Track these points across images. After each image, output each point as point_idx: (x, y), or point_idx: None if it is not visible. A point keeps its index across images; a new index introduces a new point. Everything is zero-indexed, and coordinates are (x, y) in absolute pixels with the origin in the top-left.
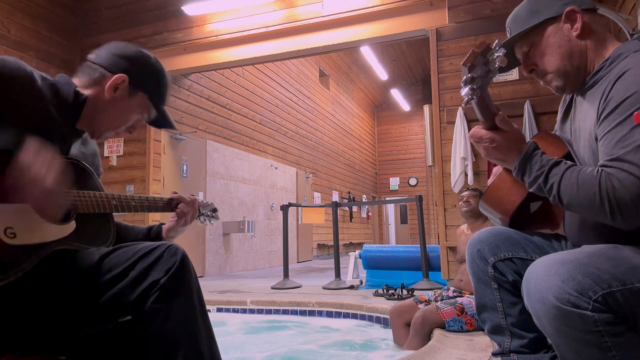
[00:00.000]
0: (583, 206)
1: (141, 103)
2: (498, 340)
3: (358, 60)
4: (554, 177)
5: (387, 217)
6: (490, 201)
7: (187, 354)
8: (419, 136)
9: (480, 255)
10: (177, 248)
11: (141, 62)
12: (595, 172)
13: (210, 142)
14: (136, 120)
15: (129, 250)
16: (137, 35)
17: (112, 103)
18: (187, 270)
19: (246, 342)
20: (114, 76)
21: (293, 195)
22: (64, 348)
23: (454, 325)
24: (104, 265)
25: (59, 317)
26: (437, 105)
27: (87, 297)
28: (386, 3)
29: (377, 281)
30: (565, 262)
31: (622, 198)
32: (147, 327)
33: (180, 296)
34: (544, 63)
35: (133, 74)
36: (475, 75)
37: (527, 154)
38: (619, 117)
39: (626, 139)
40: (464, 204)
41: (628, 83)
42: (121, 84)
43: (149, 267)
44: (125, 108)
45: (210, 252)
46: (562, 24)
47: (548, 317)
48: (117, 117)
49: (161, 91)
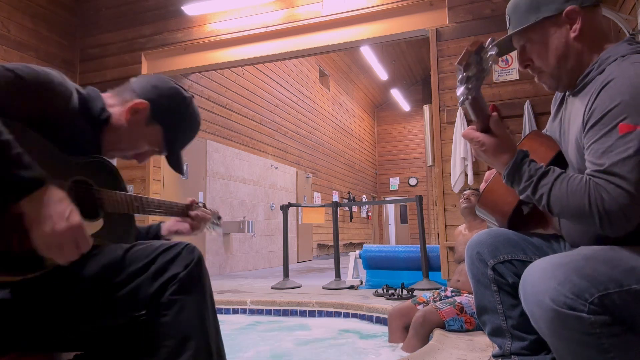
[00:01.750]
0: (573, 216)
1: (155, 135)
2: (499, 343)
3: (358, 60)
4: (543, 187)
5: (387, 217)
6: (487, 204)
7: (198, 346)
8: (419, 136)
9: (479, 258)
10: (195, 247)
11: (170, 96)
12: (584, 182)
13: (210, 142)
14: (146, 151)
15: (149, 246)
16: (137, 35)
17: (127, 125)
18: (203, 269)
19: (246, 342)
20: (137, 100)
21: (293, 195)
22: (78, 342)
23: (454, 324)
24: (127, 259)
25: (80, 309)
26: (437, 105)
27: (108, 289)
28: (386, 3)
29: (377, 281)
30: (562, 265)
31: (611, 209)
32: (161, 318)
33: (195, 291)
34: (540, 61)
35: (156, 104)
36: (470, 74)
37: (516, 163)
38: (604, 128)
39: (612, 150)
40: (464, 200)
41: (613, 93)
42: (141, 110)
43: (169, 261)
44: (139, 135)
45: (210, 252)
46: (562, 23)
47: (545, 320)
48: (128, 141)
49: (179, 130)
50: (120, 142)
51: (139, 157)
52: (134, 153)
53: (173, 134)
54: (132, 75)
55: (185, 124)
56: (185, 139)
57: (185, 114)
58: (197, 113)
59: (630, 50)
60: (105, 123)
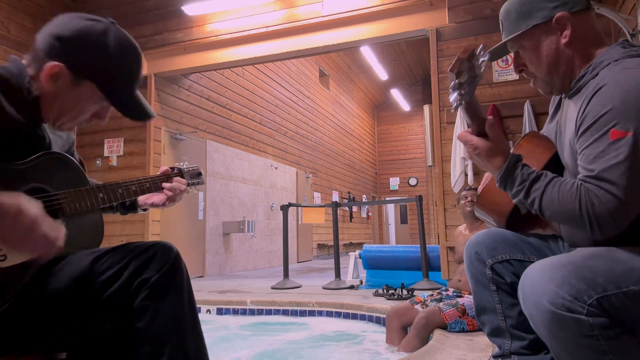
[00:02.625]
0: (564, 219)
1: (91, 92)
2: (498, 343)
3: (358, 60)
4: (535, 192)
5: (387, 217)
6: (485, 204)
7: (173, 352)
8: (419, 136)
9: (478, 258)
10: (171, 247)
11: (82, 42)
12: (575, 187)
13: (210, 142)
14: (98, 109)
15: (123, 250)
16: (137, 35)
17: (58, 94)
18: (179, 270)
19: (246, 342)
20: (48, 65)
21: (293, 195)
22: (63, 345)
23: (456, 327)
24: (98, 268)
25: (57, 321)
26: (437, 105)
27: (84, 300)
28: (386, 3)
29: (377, 281)
30: (560, 267)
31: (601, 214)
32: (135, 324)
33: (170, 295)
34: (532, 67)
35: (71, 58)
36: (462, 81)
37: (509, 168)
38: (595, 134)
39: (603, 156)
40: (468, 203)
41: (604, 99)
42: (58, 74)
43: (142, 265)
44: (75, 99)
45: (210, 252)
46: (552, 30)
47: (543, 322)
48: (70, 109)
49: (113, 76)
50: (62, 114)
51: (97, 118)
52: (88, 117)
53: (110, 83)
54: None
55: (116, 63)
56: (128, 80)
57: (108, 52)
58: (124, 40)
59: (624, 54)
60: (37, 102)
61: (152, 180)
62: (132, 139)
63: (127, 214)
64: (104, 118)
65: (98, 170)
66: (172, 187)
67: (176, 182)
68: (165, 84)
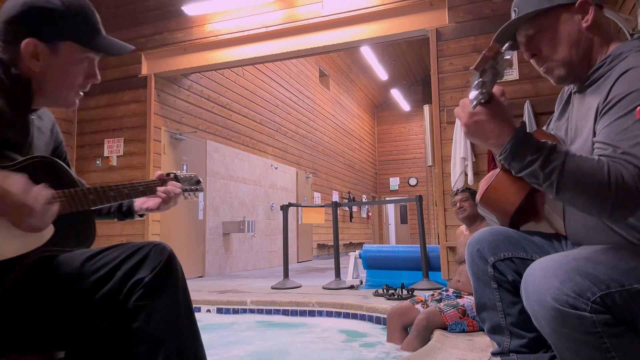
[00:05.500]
0: (588, 192)
1: (70, 50)
2: (497, 340)
3: (358, 60)
4: (555, 160)
5: (387, 217)
6: (489, 203)
7: (169, 352)
8: (419, 136)
9: (479, 255)
10: (164, 247)
11: (34, 12)
12: (597, 160)
13: (210, 142)
14: (86, 68)
15: (115, 250)
16: (137, 35)
17: (45, 71)
18: (173, 269)
19: (246, 342)
20: (22, 46)
21: (293, 195)
22: (61, 344)
23: (456, 328)
24: (88, 268)
25: (51, 321)
26: (437, 105)
27: (74, 300)
28: (386, 3)
29: (377, 281)
30: (564, 264)
31: (631, 187)
32: (130, 324)
33: (165, 295)
34: (550, 50)
35: (36, 31)
36: (486, 80)
37: (520, 135)
38: (620, 112)
39: (628, 132)
40: (459, 210)
41: (631, 80)
42: (36, 50)
43: (135, 266)
44: (61, 66)
45: (210, 252)
46: (574, 12)
47: (546, 319)
48: (63, 78)
49: (78, 24)
50: (59, 88)
51: (89, 78)
52: (82, 80)
53: (79, 30)
54: (133, 75)
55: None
56: (90, 19)
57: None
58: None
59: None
60: (28, 86)
61: (146, 184)
62: (132, 139)
63: (124, 219)
64: (95, 74)
65: (98, 170)
66: (166, 190)
67: (171, 186)
68: (165, 84)
